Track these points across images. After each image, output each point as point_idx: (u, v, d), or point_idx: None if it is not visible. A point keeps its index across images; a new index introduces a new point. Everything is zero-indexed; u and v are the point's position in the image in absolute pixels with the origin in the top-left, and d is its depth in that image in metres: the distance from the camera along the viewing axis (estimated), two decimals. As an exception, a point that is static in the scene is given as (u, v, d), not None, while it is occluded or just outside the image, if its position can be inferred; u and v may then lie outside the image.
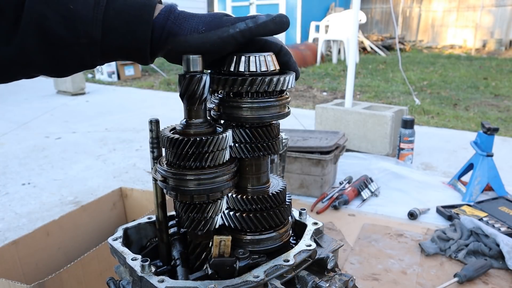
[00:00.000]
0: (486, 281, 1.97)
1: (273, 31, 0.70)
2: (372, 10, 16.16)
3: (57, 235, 1.93)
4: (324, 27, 9.52)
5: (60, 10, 0.67)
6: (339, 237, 2.37)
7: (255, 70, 0.72)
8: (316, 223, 0.89)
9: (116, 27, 0.69)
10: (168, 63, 10.00)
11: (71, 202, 2.95)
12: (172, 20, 0.70)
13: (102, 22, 0.68)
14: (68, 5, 0.67)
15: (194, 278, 0.76)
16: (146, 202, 2.21)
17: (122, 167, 3.65)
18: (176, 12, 0.71)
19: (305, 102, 6.39)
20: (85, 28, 0.68)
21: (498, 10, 14.13)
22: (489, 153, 2.85)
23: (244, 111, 0.74)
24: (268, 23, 0.68)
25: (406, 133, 3.41)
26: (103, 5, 0.68)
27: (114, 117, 5.48)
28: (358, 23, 4.29)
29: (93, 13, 0.68)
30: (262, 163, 0.81)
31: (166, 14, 0.70)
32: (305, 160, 2.83)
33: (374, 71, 8.85)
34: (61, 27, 0.68)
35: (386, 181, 3.16)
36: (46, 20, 0.67)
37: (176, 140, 0.71)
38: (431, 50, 13.59)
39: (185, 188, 0.72)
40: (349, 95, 3.96)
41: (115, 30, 0.69)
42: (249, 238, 0.79)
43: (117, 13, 0.69)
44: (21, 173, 3.52)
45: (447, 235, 2.25)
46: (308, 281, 0.76)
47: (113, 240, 0.86)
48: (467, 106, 5.92)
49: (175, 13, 0.71)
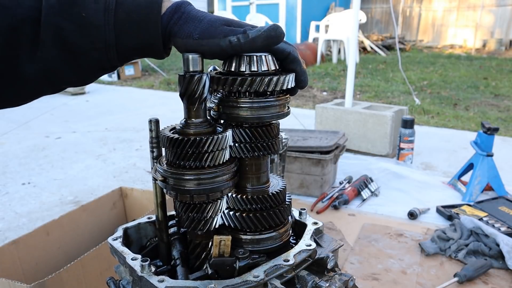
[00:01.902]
0: (486, 281, 1.97)
1: (262, 47, 0.70)
2: (372, 10, 16.15)
3: (57, 235, 1.93)
4: (324, 26, 9.52)
5: (74, 20, 0.70)
6: (339, 237, 2.37)
7: (255, 70, 0.72)
8: (316, 223, 0.89)
9: (128, 28, 0.72)
10: (168, 62, 10.03)
11: (71, 202, 2.95)
12: (175, 21, 0.72)
13: (114, 26, 0.71)
14: (80, 13, 0.70)
15: (194, 278, 0.76)
16: (146, 201, 2.21)
17: (122, 167, 3.65)
18: (180, 12, 0.73)
19: (305, 102, 6.38)
20: (99, 33, 0.71)
21: (499, 10, 14.12)
22: (489, 153, 2.85)
23: (244, 111, 0.74)
24: (257, 39, 0.68)
25: (406, 133, 3.41)
26: (113, 9, 0.71)
27: (114, 116, 5.48)
28: (358, 23, 4.29)
29: (104, 17, 0.70)
30: (262, 163, 0.81)
31: (171, 14, 0.72)
32: (305, 160, 2.83)
33: (374, 71, 8.84)
34: (77, 35, 0.71)
35: (386, 181, 3.16)
36: (63, 31, 0.70)
37: (176, 140, 0.71)
38: (431, 50, 13.59)
39: (185, 188, 0.72)
40: (349, 95, 3.96)
41: (127, 31, 0.72)
42: (249, 238, 0.79)
43: (127, 15, 0.71)
44: (21, 173, 3.52)
45: (447, 235, 2.25)
46: (308, 281, 0.76)
47: (113, 239, 0.86)
48: (467, 106, 5.92)
49: (180, 12, 0.72)
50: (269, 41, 0.69)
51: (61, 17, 0.70)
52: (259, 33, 0.68)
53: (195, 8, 0.75)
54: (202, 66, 0.72)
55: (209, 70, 0.80)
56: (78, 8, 0.71)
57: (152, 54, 0.76)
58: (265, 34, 0.68)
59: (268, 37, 0.69)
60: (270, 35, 0.69)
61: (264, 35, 0.68)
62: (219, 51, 0.70)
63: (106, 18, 0.70)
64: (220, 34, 0.69)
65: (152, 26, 0.71)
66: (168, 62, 9.82)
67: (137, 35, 0.72)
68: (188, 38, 0.70)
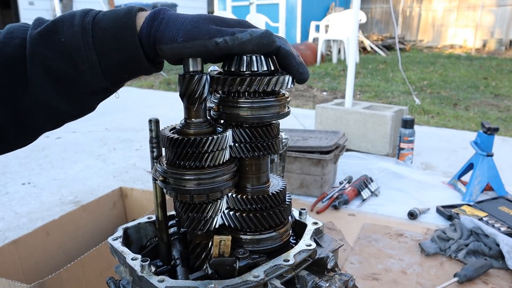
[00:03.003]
0: (486, 281, 1.97)
1: (251, 52, 0.69)
2: (372, 10, 16.15)
3: (57, 235, 1.93)
4: (324, 26, 9.52)
5: (55, 47, 0.72)
6: (339, 237, 2.37)
7: (255, 70, 0.72)
8: (316, 223, 0.89)
9: (106, 45, 0.71)
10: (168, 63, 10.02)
11: (71, 202, 2.95)
12: (156, 27, 0.70)
13: (93, 45, 0.71)
14: (60, 39, 0.71)
15: (194, 278, 0.76)
16: (146, 202, 2.21)
17: (122, 167, 3.65)
18: (160, 18, 0.71)
19: (305, 102, 6.38)
20: (80, 55, 0.71)
21: (499, 10, 14.13)
22: (489, 153, 2.85)
23: (244, 111, 0.74)
24: (247, 43, 0.66)
25: (406, 133, 3.41)
26: (90, 29, 0.71)
27: (114, 116, 5.48)
28: (358, 23, 4.29)
29: (83, 39, 0.71)
30: (262, 163, 0.81)
31: (150, 22, 0.71)
32: (305, 160, 2.83)
33: (374, 71, 8.85)
34: (60, 61, 0.72)
35: (386, 181, 3.16)
36: (47, 59, 0.72)
37: (176, 140, 0.71)
38: (431, 50, 13.59)
39: (185, 188, 0.72)
40: (349, 95, 3.96)
41: (106, 48, 0.71)
42: (249, 238, 0.79)
43: (104, 31, 0.71)
44: (21, 173, 3.52)
45: (447, 235, 2.25)
46: (308, 281, 0.76)
47: (113, 239, 0.86)
48: (467, 106, 5.92)
49: (159, 18, 0.71)
50: (260, 48, 0.68)
51: (43, 47, 0.72)
52: (250, 38, 0.66)
53: (175, 12, 0.73)
54: (202, 66, 0.72)
55: (209, 70, 0.80)
56: (57, 35, 0.72)
57: (138, 68, 0.74)
58: (256, 41, 0.67)
59: (259, 44, 0.67)
60: (262, 42, 0.67)
61: (256, 41, 0.67)
62: (207, 53, 0.68)
63: (84, 38, 0.70)
64: (205, 35, 0.67)
65: (129, 37, 0.70)
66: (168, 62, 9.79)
67: (117, 49, 0.71)
68: (173, 42, 0.68)
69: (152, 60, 0.74)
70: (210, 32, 0.67)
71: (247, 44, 0.67)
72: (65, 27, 0.72)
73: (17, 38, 0.75)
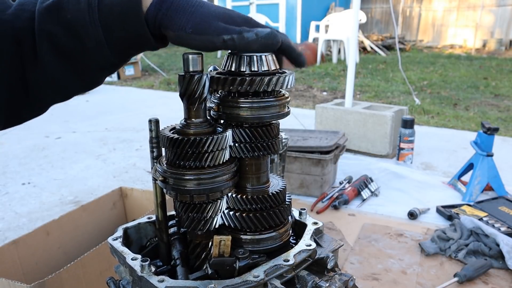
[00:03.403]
0: (486, 281, 1.97)
1: (256, 51, 0.71)
2: (372, 10, 16.15)
3: (57, 235, 1.93)
4: (324, 26, 9.52)
5: (61, 23, 0.73)
6: (339, 237, 2.37)
7: (255, 70, 0.72)
8: (316, 223, 0.89)
9: (112, 22, 0.72)
10: (168, 62, 10.03)
11: (71, 202, 2.95)
12: (164, 12, 0.71)
13: (100, 22, 0.72)
14: (66, 16, 0.72)
15: (194, 278, 0.76)
16: (146, 202, 2.21)
17: (122, 167, 3.65)
18: (169, 2, 0.71)
19: (305, 102, 6.38)
20: (87, 32, 0.72)
21: (499, 10, 14.12)
22: (489, 153, 2.85)
23: (244, 111, 0.74)
24: (252, 43, 0.68)
25: (406, 133, 3.41)
26: (95, 6, 0.71)
27: (114, 116, 5.48)
28: (358, 23, 4.29)
29: (89, 16, 0.71)
30: (262, 163, 0.81)
31: (158, 4, 0.71)
32: (305, 160, 2.83)
33: (374, 71, 8.84)
34: (67, 37, 0.73)
35: (386, 181, 3.16)
36: (54, 36, 0.73)
37: (176, 140, 0.71)
38: (431, 50, 13.58)
39: (185, 188, 0.72)
40: (349, 95, 3.96)
41: (112, 25, 0.72)
42: (249, 238, 0.79)
43: (110, 9, 0.72)
44: (21, 173, 3.52)
45: (447, 235, 2.25)
46: (308, 281, 0.76)
47: (113, 239, 0.86)
48: (467, 106, 5.92)
49: (168, 3, 0.71)
50: (265, 48, 0.70)
51: (50, 23, 0.73)
52: (256, 38, 0.68)
53: None
54: (202, 66, 0.72)
55: (209, 70, 0.80)
56: (63, 12, 0.72)
57: (144, 44, 0.75)
58: (262, 41, 0.68)
59: (264, 44, 0.69)
60: (267, 43, 0.69)
61: (261, 41, 0.68)
62: (213, 48, 0.70)
63: (90, 16, 0.71)
64: (214, 31, 0.69)
65: (134, 16, 0.71)
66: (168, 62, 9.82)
67: (123, 27, 0.72)
68: (181, 30, 0.69)
69: (158, 37, 0.75)
70: (218, 29, 0.69)
71: (253, 44, 0.68)
72: (71, 4, 0.72)
73: (27, 11, 0.75)
